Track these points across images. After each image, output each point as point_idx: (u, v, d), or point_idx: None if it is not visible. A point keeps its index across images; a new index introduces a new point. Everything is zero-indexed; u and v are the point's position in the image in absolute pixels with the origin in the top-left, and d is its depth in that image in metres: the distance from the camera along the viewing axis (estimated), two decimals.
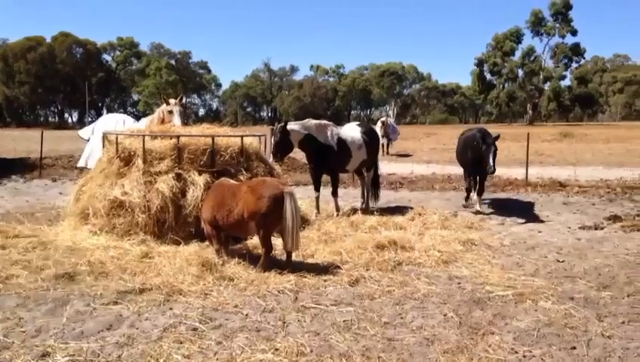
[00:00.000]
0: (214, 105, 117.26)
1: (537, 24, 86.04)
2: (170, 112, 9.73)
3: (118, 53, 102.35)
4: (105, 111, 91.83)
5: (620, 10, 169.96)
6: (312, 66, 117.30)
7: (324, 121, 10.42)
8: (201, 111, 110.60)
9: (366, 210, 10.57)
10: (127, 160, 8.27)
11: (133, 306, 5.36)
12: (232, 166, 8.44)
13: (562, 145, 33.05)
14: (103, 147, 9.16)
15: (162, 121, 9.75)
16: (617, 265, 7.00)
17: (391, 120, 30.24)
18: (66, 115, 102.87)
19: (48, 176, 16.27)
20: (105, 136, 9.21)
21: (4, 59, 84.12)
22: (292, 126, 9.74)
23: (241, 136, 9.04)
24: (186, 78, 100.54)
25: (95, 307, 5.36)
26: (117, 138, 8.53)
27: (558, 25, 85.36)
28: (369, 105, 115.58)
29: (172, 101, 9.86)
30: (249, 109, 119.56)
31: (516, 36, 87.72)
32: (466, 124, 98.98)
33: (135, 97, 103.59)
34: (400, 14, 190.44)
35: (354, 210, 10.43)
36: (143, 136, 8.37)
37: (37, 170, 16.88)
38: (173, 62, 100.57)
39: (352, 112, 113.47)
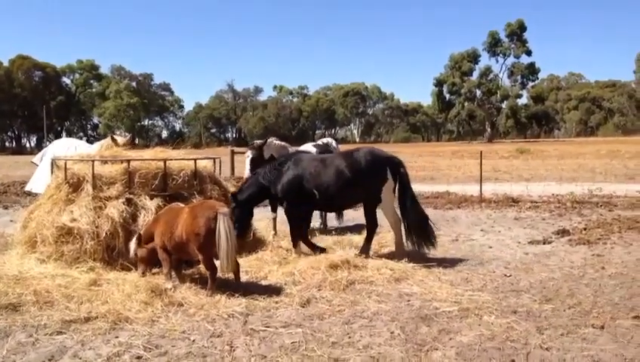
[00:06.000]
0: (178, 126, 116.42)
1: (494, 45, 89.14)
2: None
3: (77, 76, 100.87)
4: (64, 134, 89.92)
5: (573, 30, 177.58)
6: (275, 87, 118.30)
7: (283, 143, 10.53)
8: (164, 133, 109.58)
9: (324, 230, 10.62)
10: (76, 185, 8.12)
11: (77, 336, 5.24)
12: (184, 189, 8.40)
13: (518, 161, 33.98)
14: (52, 173, 8.99)
15: None
16: (562, 278, 7.21)
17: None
18: (24, 140, 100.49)
19: (0, 203, 15.80)
20: (54, 162, 9.05)
21: None
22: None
23: (194, 160, 9.01)
24: (147, 100, 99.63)
25: (38, 338, 5.21)
26: (65, 163, 8.39)
27: (513, 45, 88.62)
28: (333, 125, 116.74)
29: (120, 140, 9.83)
30: (213, 130, 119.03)
31: (473, 57, 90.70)
32: (429, 142, 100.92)
33: (95, 120, 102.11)
34: (360, 35, 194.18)
35: (311, 231, 10.45)
36: (92, 161, 8.26)
37: None
38: (134, 84, 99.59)
39: (317, 132, 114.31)
